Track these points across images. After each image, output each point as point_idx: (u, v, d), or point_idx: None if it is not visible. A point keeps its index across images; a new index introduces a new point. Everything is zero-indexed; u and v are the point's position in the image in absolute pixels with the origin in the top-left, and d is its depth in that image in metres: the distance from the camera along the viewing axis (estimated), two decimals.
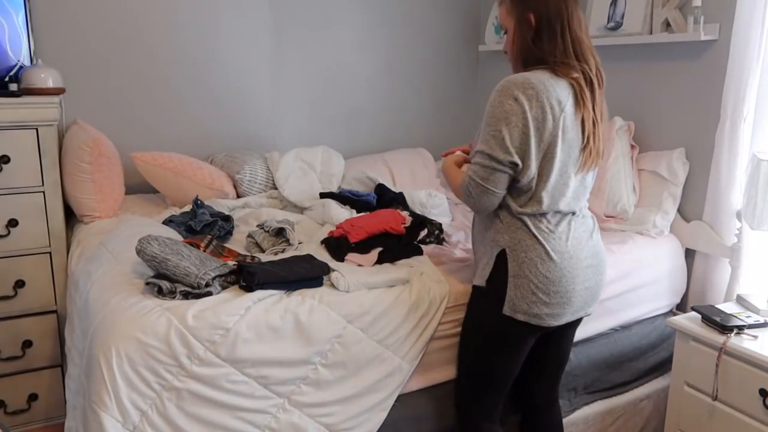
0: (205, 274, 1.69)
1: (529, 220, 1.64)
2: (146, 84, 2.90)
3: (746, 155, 2.29)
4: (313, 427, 1.73)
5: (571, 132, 1.61)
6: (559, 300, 1.66)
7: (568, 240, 1.67)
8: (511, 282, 1.65)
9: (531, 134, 1.57)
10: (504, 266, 1.66)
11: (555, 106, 1.57)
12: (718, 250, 2.39)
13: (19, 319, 2.34)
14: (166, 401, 1.56)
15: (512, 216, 1.66)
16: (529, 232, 1.64)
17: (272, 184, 2.84)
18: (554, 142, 1.59)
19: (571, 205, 1.68)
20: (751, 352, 1.88)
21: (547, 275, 1.63)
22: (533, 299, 1.64)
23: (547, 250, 1.63)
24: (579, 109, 1.61)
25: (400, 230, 2.14)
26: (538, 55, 1.64)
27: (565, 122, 1.59)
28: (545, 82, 1.58)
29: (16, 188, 2.27)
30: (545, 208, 1.64)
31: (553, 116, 1.57)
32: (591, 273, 1.71)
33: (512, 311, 1.66)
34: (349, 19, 3.32)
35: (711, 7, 2.40)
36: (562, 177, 1.64)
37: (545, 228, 1.65)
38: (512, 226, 1.66)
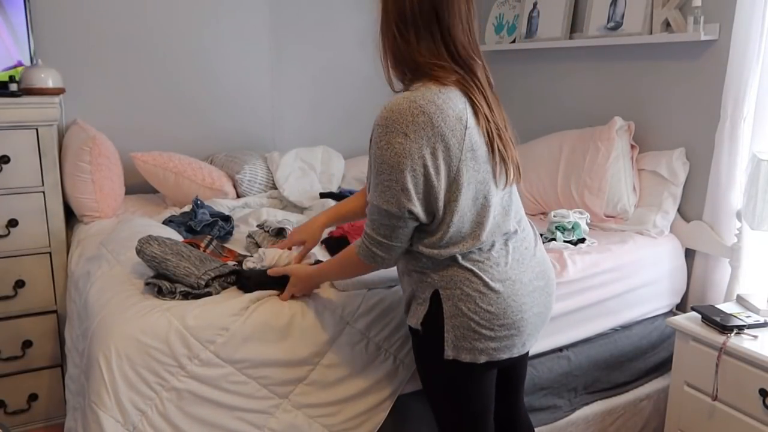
0: (205, 274, 1.69)
1: (460, 255, 1.42)
2: (146, 84, 2.90)
3: (746, 155, 2.29)
4: (313, 427, 1.73)
5: (480, 149, 1.38)
6: (506, 333, 1.44)
7: (507, 264, 1.45)
8: (448, 323, 1.42)
9: (431, 172, 1.34)
10: (438, 307, 1.43)
11: (455, 126, 1.34)
12: (718, 250, 2.39)
13: (19, 319, 2.34)
14: (166, 401, 1.56)
15: (433, 258, 1.43)
16: (460, 266, 1.42)
17: (272, 184, 2.84)
18: (464, 168, 1.36)
19: (501, 227, 1.46)
20: (751, 352, 1.87)
21: (489, 309, 1.41)
22: (475, 337, 1.42)
23: (485, 282, 1.41)
24: (480, 119, 1.38)
25: None
26: (408, 57, 1.40)
27: (471, 139, 1.36)
28: (435, 101, 1.33)
29: (16, 188, 2.27)
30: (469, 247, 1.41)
31: (457, 140, 1.34)
32: (539, 296, 1.51)
33: (455, 353, 1.44)
34: (349, 19, 3.32)
35: (711, 7, 2.40)
36: (481, 203, 1.41)
37: (477, 257, 1.43)
38: (439, 264, 1.43)
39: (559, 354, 2.20)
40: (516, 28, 3.27)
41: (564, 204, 2.67)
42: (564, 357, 2.20)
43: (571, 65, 3.04)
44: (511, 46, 3.26)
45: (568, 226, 2.31)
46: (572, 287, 2.16)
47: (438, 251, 1.42)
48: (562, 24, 2.98)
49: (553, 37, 3.01)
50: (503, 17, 3.38)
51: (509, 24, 3.33)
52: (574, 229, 2.31)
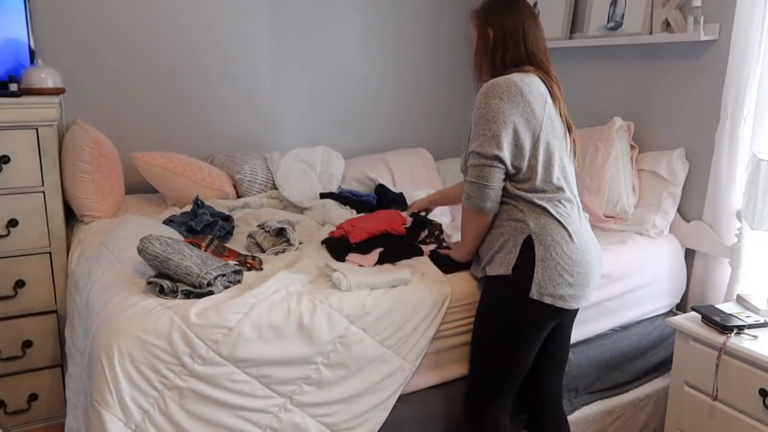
0: (207, 273, 1.69)
1: (550, 206, 1.74)
2: (146, 84, 2.90)
3: (746, 155, 2.29)
4: (314, 426, 1.73)
5: (556, 120, 1.78)
6: (581, 281, 1.75)
7: (580, 224, 1.79)
8: (539, 265, 1.71)
9: (520, 128, 1.72)
10: (530, 252, 1.72)
11: (539, 99, 1.74)
12: (718, 250, 2.39)
13: (19, 319, 2.34)
14: (168, 400, 1.56)
15: (531, 203, 1.75)
16: (551, 217, 1.74)
17: (272, 184, 2.84)
18: (545, 131, 1.74)
19: (572, 189, 1.82)
20: (751, 352, 1.88)
21: (572, 256, 1.73)
22: (559, 281, 1.71)
23: (569, 233, 1.74)
24: (556, 101, 1.79)
25: (401, 231, 2.14)
26: (498, 62, 1.82)
27: (550, 111, 1.76)
28: (525, 80, 1.74)
29: (16, 188, 2.27)
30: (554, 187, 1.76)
31: (540, 107, 1.73)
32: (598, 258, 1.83)
33: (539, 294, 1.71)
34: (349, 19, 3.32)
35: (711, 7, 2.40)
36: (560, 161, 1.78)
37: (564, 212, 1.76)
38: (534, 212, 1.75)
39: None
40: None
41: None
42: None
43: (571, 65, 3.04)
44: None
45: None
46: None
47: (529, 194, 1.75)
48: (562, 24, 2.98)
49: (553, 37, 3.01)
50: None
51: None
52: None
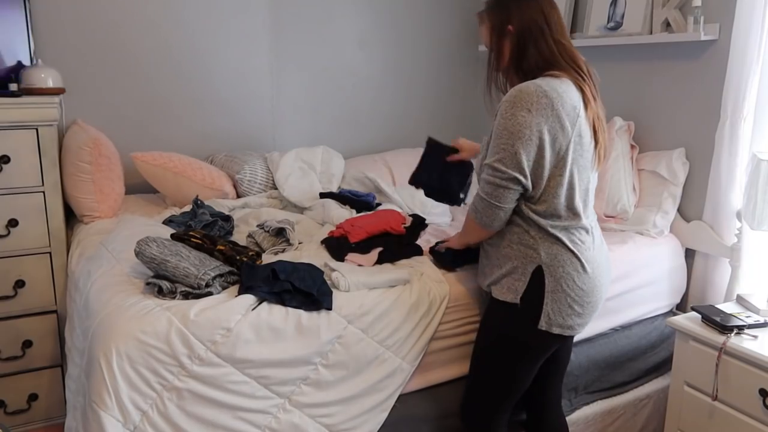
0: (205, 274, 1.69)
1: (564, 235, 1.63)
2: (146, 84, 2.90)
3: (746, 155, 2.29)
4: (313, 427, 1.73)
5: (586, 136, 1.61)
6: (590, 310, 1.68)
7: (593, 249, 1.68)
8: (549, 297, 1.63)
9: (546, 147, 1.55)
10: (540, 282, 1.63)
11: (570, 113, 1.57)
12: (718, 250, 2.39)
13: (19, 319, 2.34)
14: (167, 401, 1.56)
15: (544, 231, 1.63)
16: (564, 246, 1.62)
17: (272, 184, 2.84)
18: (571, 149, 1.58)
19: (590, 213, 1.70)
20: (751, 352, 1.88)
21: (583, 287, 1.64)
22: (569, 312, 1.64)
23: (582, 263, 1.63)
24: (589, 110, 1.62)
25: (401, 230, 2.14)
26: (528, 63, 1.65)
27: (581, 127, 1.59)
28: (558, 89, 1.56)
29: (16, 188, 2.27)
30: (572, 213, 1.63)
31: (570, 124, 1.56)
32: (608, 275, 1.74)
33: (548, 326, 1.64)
34: (349, 18, 3.32)
35: (711, 7, 2.40)
36: (582, 182, 1.63)
37: (578, 240, 1.64)
38: (546, 240, 1.63)
39: None
40: None
41: None
42: None
43: None
44: None
45: None
46: None
47: (543, 220, 1.62)
48: None
49: None
50: None
51: None
52: None
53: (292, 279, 1.72)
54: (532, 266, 1.64)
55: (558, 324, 1.64)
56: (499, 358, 1.75)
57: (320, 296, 1.73)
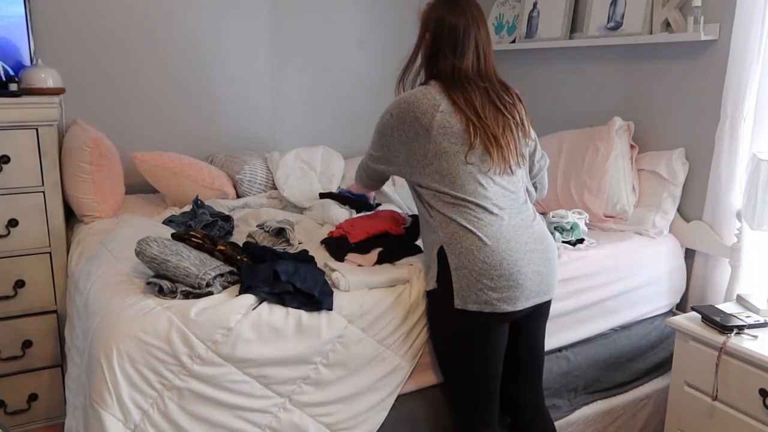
0: (206, 274, 1.69)
1: (457, 215, 1.72)
2: (146, 84, 2.90)
3: (746, 155, 2.29)
4: (313, 426, 1.73)
5: (454, 128, 1.73)
6: (505, 284, 1.69)
7: (502, 227, 1.73)
8: (454, 275, 1.70)
9: (400, 141, 1.80)
10: (445, 262, 1.72)
11: (428, 110, 1.74)
12: (718, 250, 2.39)
13: (19, 319, 2.34)
14: (168, 400, 1.56)
15: (441, 214, 1.74)
16: (459, 225, 1.71)
17: (272, 184, 2.84)
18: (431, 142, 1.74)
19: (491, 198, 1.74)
20: (751, 352, 1.88)
21: (486, 260, 1.68)
22: (479, 286, 1.68)
23: (479, 237, 1.69)
24: (457, 109, 1.74)
25: (400, 230, 2.14)
26: (430, 71, 1.87)
27: (445, 121, 1.73)
28: (417, 95, 1.78)
29: (16, 188, 2.27)
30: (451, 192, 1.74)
31: (428, 119, 1.74)
32: (537, 257, 1.75)
33: (463, 303, 1.69)
34: (349, 19, 3.32)
35: (711, 7, 2.40)
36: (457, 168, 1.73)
37: (474, 218, 1.71)
38: (443, 222, 1.73)
39: (558, 354, 2.20)
40: (516, 28, 3.27)
41: (563, 204, 2.67)
42: (563, 357, 2.21)
43: (571, 65, 3.04)
44: (511, 46, 3.27)
45: (566, 227, 2.31)
46: (571, 287, 2.16)
47: (435, 201, 1.76)
48: (562, 24, 2.98)
49: (553, 37, 3.01)
50: (503, 17, 3.38)
51: (509, 24, 3.33)
52: (572, 230, 2.31)
53: (294, 280, 1.72)
54: (436, 247, 1.74)
55: (473, 300, 1.69)
56: (448, 351, 1.81)
57: (321, 297, 1.73)
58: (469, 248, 1.69)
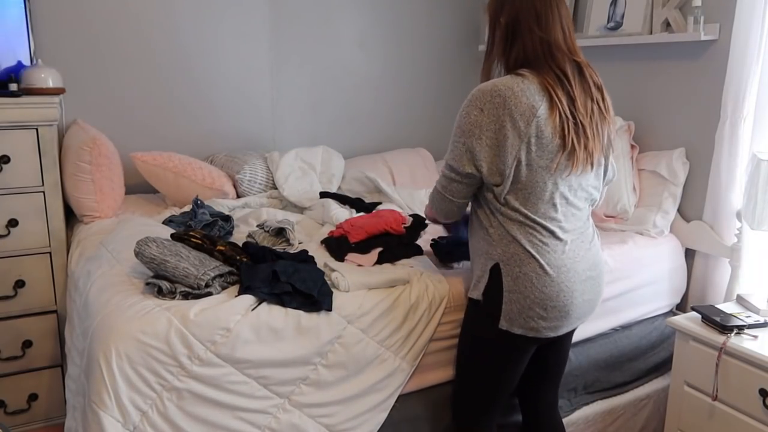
0: (205, 274, 1.69)
1: (521, 235, 1.59)
2: (146, 84, 2.90)
3: (746, 155, 2.29)
4: (313, 427, 1.73)
5: (546, 137, 1.55)
6: (557, 314, 1.62)
7: (564, 252, 1.62)
8: (506, 297, 1.61)
9: (495, 145, 1.55)
10: (499, 280, 1.62)
11: (526, 112, 1.53)
12: (718, 250, 2.39)
13: (19, 319, 2.34)
14: (167, 401, 1.56)
15: (502, 229, 1.62)
16: (521, 247, 1.59)
17: (272, 184, 2.84)
18: (524, 149, 1.54)
19: (564, 218, 1.62)
20: (751, 352, 1.88)
21: (544, 290, 1.59)
22: (530, 314, 1.60)
23: (541, 264, 1.59)
24: (553, 112, 1.55)
25: (400, 230, 2.14)
26: (511, 58, 1.64)
27: (540, 127, 1.54)
28: (514, 88, 1.54)
29: (16, 188, 2.27)
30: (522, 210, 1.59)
31: (524, 123, 1.53)
32: (590, 285, 1.67)
33: (509, 325, 1.63)
34: (350, 18, 3.32)
35: (711, 7, 2.40)
36: (541, 183, 1.57)
37: (539, 242, 1.59)
38: (504, 238, 1.62)
39: None
40: None
41: None
42: None
43: None
44: None
45: None
46: None
47: (503, 217, 1.62)
48: None
49: None
50: None
51: None
52: None
53: (293, 280, 1.72)
54: (491, 263, 1.64)
55: (519, 325, 1.62)
56: (475, 358, 1.76)
57: (320, 297, 1.73)
58: (528, 274, 1.59)
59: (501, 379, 1.74)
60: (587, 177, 1.65)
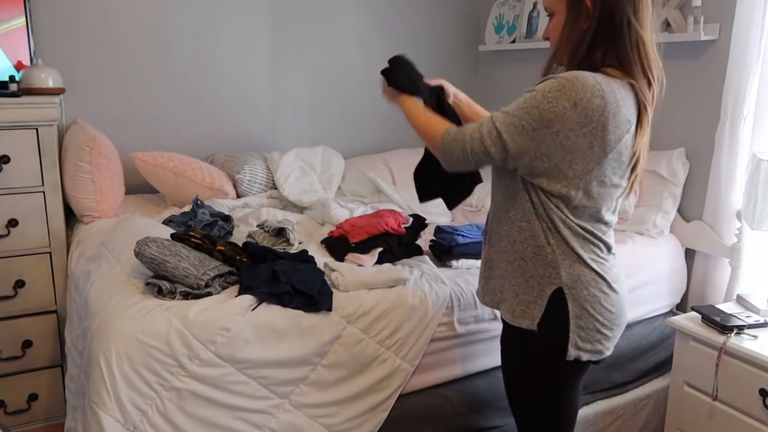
0: (204, 274, 1.69)
1: (584, 250, 1.41)
2: (146, 84, 2.90)
3: (746, 155, 2.29)
4: (313, 427, 1.73)
5: (625, 156, 1.38)
6: (618, 332, 1.49)
7: (619, 268, 1.49)
8: (574, 323, 1.41)
9: (573, 149, 1.32)
10: (561, 307, 1.41)
11: (621, 126, 1.33)
12: (718, 250, 2.39)
13: (19, 319, 2.34)
14: (167, 401, 1.56)
15: (567, 246, 1.40)
16: (585, 265, 1.41)
17: (272, 184, 2.84)
18: (606, 164, 1.35)
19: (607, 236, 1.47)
20: (751, 352, 1.88)
21: (611, 309, 1.44)
22: (598, 337, 1.43)
23: (608, 283, 1.43)
24: (641, 132, 1.38)
25: (400, 230, 2.14)
26: (592, 52, 1.37)
27: (627, 144, 1.36)
28: (617, 95, 1.32)
29: (16, 188, 2.27)
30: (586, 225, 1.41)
31: (615, 138, 1.33)
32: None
33: (577, 354, 1.42)
34: (349, 18, 3.32)
35: (711, 7, 2.40)
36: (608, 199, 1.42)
37: (600, 258, 1.43)
38: (568, 257, 1.40)
39: None
40: (516, 28, 3.27)
41: None
42: None
43: None
44: (511, 46, 3.26)
45: None
46: None
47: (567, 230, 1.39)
48: None
49: None
50: (503, 17, 3.38)
51: (509, 24, 3.33)
52: None
53: (293, 281, 1.72)
54: (551, 288, 1.41)
55: (587, 350, 1.43)
56: (540, 396, 1.52)
57: (320, 297, 1.73)
58: (596, 295, 1.41)
59: (569, 409, 1.56)
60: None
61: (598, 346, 1.44)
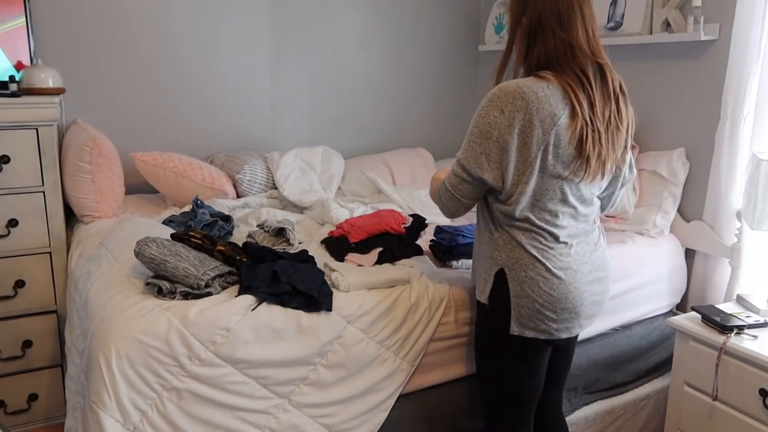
0: (204, 274, 1.69)
1: (526, 239, 1.57)
2: (146, 84, 2.90)
3: (746, 155, 2.29)
4: (313, 427, 1.73)
5: (563, 146, 1.51)
6: (567, 316, 1.60)
7: (570, 255, 1.60)
8: (514, 302, 1.58)
9: (512, 150, 1.50)
10: (504, 285, 1.59)
11: (546, 119, 1.49)
12: (718, 250, 2.39)
13: (19, 319, 2.34)
14: (167, 401, 1.56)
15: (507, 234, 1.59)
16: (524, 250, 1.57)
17: (272, 184, 2.84)
18: (539, 157, 1.51)
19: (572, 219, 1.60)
20: (751, 352, 1.88)
21: (551, 293, 1.57)
22: (540, 317, 1.58)
23: (548, 268, 1.57)
24: (576, 119, 1.51)
25: (400, 230, 2.14)
26: (532, 58, 1.58)
27: (559, 136, 1.50)
28: (538, 93, 1.49)
29: (16, 188, 2.27)
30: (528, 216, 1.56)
31: (543, 130, 1.49)
32: (597, 287, 1.66)
33: (521, 329, 1.59)
34: (349, 18, 3.32)
35: (711, 7, 2.40)
36: (552, 191, 1.55)
37: (544, 246, 1.57)
38: (508, 243, 1.59)
39: None
40: None
41: None
42: None
43: None
44: None
45: None
46: None
47: (508, 221, 1.59)
48: None
49: None
50: (503, 17, 3.38)
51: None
52: None
53: (293, 281, 1.72)
54: (496, 268, 1.61)
55: (531, 328, 1.59)
56: (492, 365, 1.72)
57: (320, 297, 1.73)
58: (534, 278, 1.56)
59: (522, 384, 1.69)
60: (596, 184, 1.62)
61: (542, 326, 1.59)
